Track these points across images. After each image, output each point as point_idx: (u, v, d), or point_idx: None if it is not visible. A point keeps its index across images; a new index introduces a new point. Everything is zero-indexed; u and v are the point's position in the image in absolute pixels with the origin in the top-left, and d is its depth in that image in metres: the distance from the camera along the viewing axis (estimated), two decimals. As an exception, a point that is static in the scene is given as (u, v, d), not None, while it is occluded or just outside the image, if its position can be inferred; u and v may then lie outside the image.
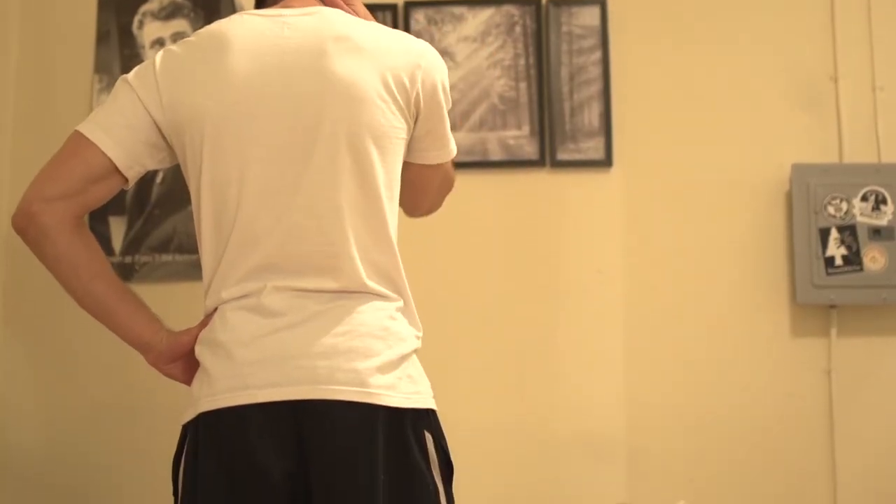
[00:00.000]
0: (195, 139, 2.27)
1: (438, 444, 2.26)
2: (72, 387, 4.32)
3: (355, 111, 2.24)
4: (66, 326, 4.32)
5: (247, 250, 2.24)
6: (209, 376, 2.21)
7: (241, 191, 2.24)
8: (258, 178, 2.24)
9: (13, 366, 4.37)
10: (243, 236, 2.24)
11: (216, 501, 2.16)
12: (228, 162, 2.25)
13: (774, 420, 4.26)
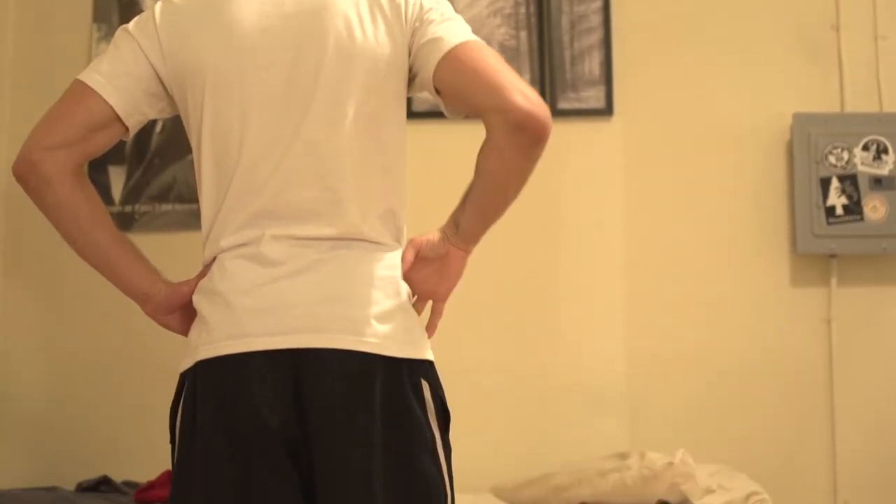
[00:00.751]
0: (196, 89, 2.28)
1: (435, 394, 2.27)
2: (72, 336, 4.34)
3: (355, 58, 2.24)
4: (66, 276, 4.33)
5: (246, 198, 2.24)
6: (207, 325, 2.21)
7: (241, 139, 2.24)
8: (258, 127, 2.24)
9: (14, 315, 4.39)
10: (243, 184, 2.24)
11: (214, 448, 2.17)
12: (229, 111, 2.26)
13: (774, 369, 4.27)
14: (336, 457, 2.15)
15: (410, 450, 2.19)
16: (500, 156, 2.21)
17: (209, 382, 2.18)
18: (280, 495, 2.16)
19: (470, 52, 2.22)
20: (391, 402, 2.18)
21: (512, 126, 2.16)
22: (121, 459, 4.15)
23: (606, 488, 3.52)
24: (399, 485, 2.17)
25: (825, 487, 4.23)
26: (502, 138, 2.18)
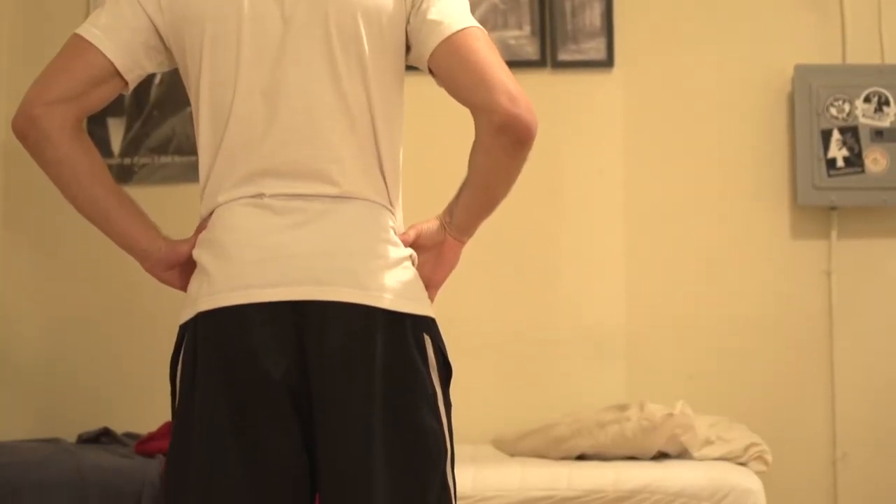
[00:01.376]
0: (194, 41, 2.26)
1: (438, 349, 2.27)
2: (72, 289, 4.34)
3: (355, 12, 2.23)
4: (65, 231, 4.32)
5: (241, 155, 2.23)
6: (208, 276, 2.21)
7: (234, 93, 2.23)
8: (250, 81, 2.22)
9: (14, 270, 4.39)
10: (236, 140, 2.23)
11: (214, 399, 2.17)
12: (226, 63, 2.24)
13: (774, 320, 4.28)
14: (337, 409, 2.16)
15: (412, 404, 2.19)
16: (486, 154, 2.22)
17: (209, 334, 2.18)
18: (281, 446, 2.17)
19: (467, 43, 2.20)
20: (393, 355, 2.18)
21: (496, 127, 2.16)
22: (121, 411, 4.16)
23: (606, 440, 3.53)
24: (400, 438, 2.17)
25: (824, 439, 4.24)
26: (487, 138, 2.19)
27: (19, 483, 3.36)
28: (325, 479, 2.19)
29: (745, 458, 3.60)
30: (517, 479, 3.36)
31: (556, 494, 3.31)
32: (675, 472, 3.39)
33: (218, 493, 2.17)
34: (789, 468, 4.08)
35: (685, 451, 3.56)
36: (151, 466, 3.37)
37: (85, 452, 3.60)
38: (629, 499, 3.30)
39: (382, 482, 2.16)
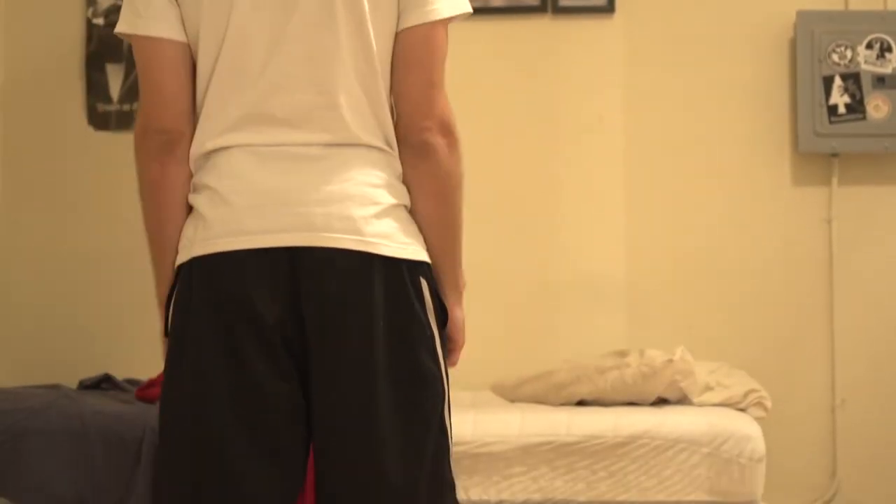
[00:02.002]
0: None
1: (434, 293, 2.27)
2: (73, 234, 4.34)
3: None
4: (66, 174, 4.33)
5: (230, 99, 2.21)
6: (204, 220, 2.20)
7: (225, 37, 2.21)
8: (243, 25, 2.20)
9: (15, 214, 4.38)
10: (225, 84, 2.21)
11: (207, 343, 2.17)
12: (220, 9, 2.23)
13: (774, 268, 4.28)
14: (335, 353, 2.16)
15: (411, 346, 2.19)
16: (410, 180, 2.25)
17: (204, 279, 2.18)
18: (275, 389, 2.17)
19: (436, 42, 2.23)
20: (391, 300, 2.18)
21: (409, 144, 2.22)
22: (122, 357, 4.17)
23: (606, 385, 3.54)
24: (400, 381, 2.18)
25: (823, 385, 4.25)
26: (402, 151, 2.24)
27: (22, 429, 3.37)
28: (323, 423, 2.19)
29: (745, 404, 3.61)
30: (517, 424, 3.38)
31: (555, 440, 3.32)
32: (674, 417, 3.40)
33: (211, 433, 2.18)
34: (788, 414, 4.09)
35: (685, 397, 3.57)
36: (152, 412, 3.37)
37: (86, 399, 3.61)
38: (628, 444, 3.31)
39: (382, 425, 2.16)
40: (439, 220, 2.28)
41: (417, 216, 2.27)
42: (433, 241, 2.28)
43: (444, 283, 2.32)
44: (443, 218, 2.28)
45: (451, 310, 2.33)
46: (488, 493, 3.31)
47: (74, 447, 3.35)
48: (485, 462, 3.31)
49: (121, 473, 3.33)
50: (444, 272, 2.31)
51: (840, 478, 4.23)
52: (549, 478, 3.31)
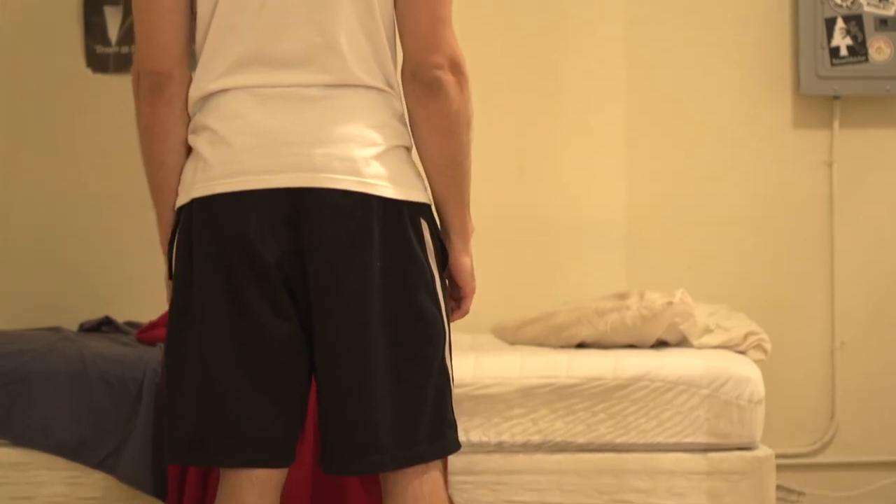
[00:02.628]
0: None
1: (435, 235, 2.27)
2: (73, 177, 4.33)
3: None
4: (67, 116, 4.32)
5: (230, 41, 2.20)
6: (204, 161, 2.20)
7: None
8: None
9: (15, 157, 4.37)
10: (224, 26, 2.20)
11: (210, 284, 2.18)
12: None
13: (774, 210, 4.28)
14: (335, 292, 2.16)
15: (411, 287, 2.20)
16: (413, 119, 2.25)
17: (204, 220, 2.18)
18: (277, 328, 2.18)
19: None
20: (391, 241, 2.18)
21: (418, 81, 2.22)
22: (122, 300, 4.17)
23: (605, 328, 3.54)
24: (399, 321, 2.18)
25: (823, 328, 4.26)
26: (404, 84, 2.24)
27: (25, 371, 3.38)
28: (323, 360, 2.21)
29: (744, 346, 3.62)
30: (516, 367, 3.38)
31: (555, 382, 3.33)
32: (673, 360, 3.40)
33: (213, 374, 2.19)
34: (788, 357, 4.11)
35: (684, 339, 3.58)
36: (152, 355, 3.39)
37: (86, 341, 3.61)
38: (628, 386, 3.32)
39: (382, 363, 2.17)
40: (447, 160, 2.27)
41: (424, 156, 2.26)
42: (440, 182, 2.28)
43: (451, 229, 2.31)
44: (451, 158, 2.27)
45: (458, 257, 2.33)
46: (488, 434, 3.32)
47: (75, 389, 3.36)
48: (485, 404, 3.32)
49: (121, 415, 3.34)
50: (452, 216, 2.31)
51: (838, 420, 4.25)
52: (549, 419, 3.32)
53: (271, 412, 2.23)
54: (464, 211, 2.32)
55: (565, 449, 3.34)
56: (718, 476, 3.29)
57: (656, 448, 3.32)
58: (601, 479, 3.31)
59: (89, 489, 3.36)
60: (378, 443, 2.20)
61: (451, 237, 2.32)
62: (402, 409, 2.20)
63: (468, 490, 3.32)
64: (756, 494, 3.29)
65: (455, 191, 2.30)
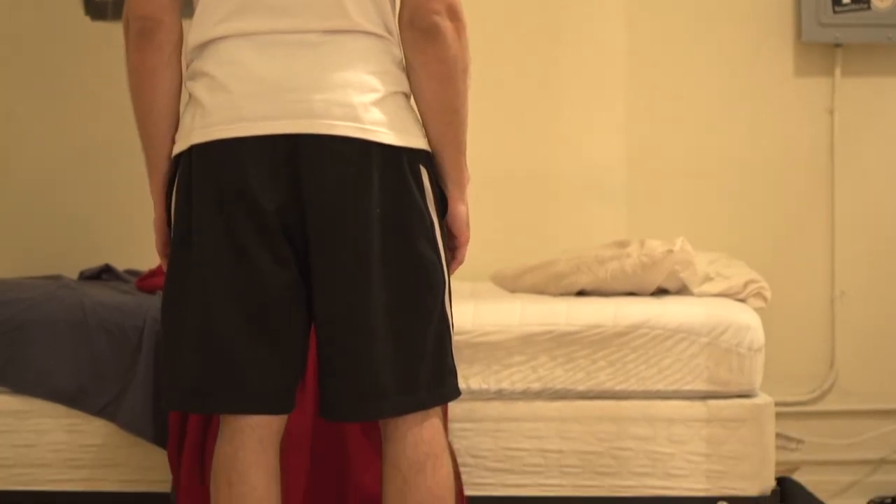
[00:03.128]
0: None
1: (434, 181, 2.27)
2: (73, 124, 4.32)
3: None
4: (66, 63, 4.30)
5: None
6: (203, 108, 2.19)
7: None
8: None
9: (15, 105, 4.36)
10: None
11: (209, 233, 2.18)
12: None
13: (775, 159, 4.27)
14: (334, 238, 2.16)
15: (410, 234, 2.20)
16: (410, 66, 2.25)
17: (203, 167, 2.18)
18: (277, 275, 2.18)
19: None
20: (390, 187, 2.18)
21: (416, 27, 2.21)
22: (122, 248, 4.17)
23: (605, 276, 3.54)
24: (399, 266, 2.19)
25: (823, 277, 4.26)
26: (402, 32, 2.23)
27: (22, 320, 3.39)
28: (323, 307, 2.21)
29: (744, 294, 3.62)
30: (516, 314, 3.38)
31: (555, 329, 3.33)
32: (673, 307, 3.40)
33: (212, 322, 2.19)
34: (788, 305, 4.11)
35: (684, 287, 3.57)
36: (153, 302, 3.39)
37: (86, 289, 3.61)
38: (628, 334, 3.32)
39: (381, 309, 2.18)
40: (444, 107, 2.26)
41: (421, 103, 2.26)
42: (437, 129, 2.27)
43: (447, 177, 2.31)
44: (448, 104, 2.26)
45: (454, 205, 2.32)
46: (488, 382, 3.33)
47: (75, 337, 3.37)
48: (484, 351, 3.32)
49: (121, 363, 3.35)
50: (448, 164, 2.31)
51: (838, 368, 4.26)
52: (549, 367, 3.33)
53: (271, 359, 2.23)
54: (460, 158, 2.32)
55: (565, 396, 3.34)
56: (718, 423, 3.30)
57: (656, 395, 3.33)
58: (601, 427, 3.32)
59: (90, 437, 3.37)
60: (379, 389, 2.21)
61: (447, 185, 2.32)
62: (403, 356, 2.21)
63: (468, 437, 3.33)
64: (755, 442, 3.30)
65: (451, 138, 2.29)
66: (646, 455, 3.31)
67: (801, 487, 3.52)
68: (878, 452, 4.23)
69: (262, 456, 2.28)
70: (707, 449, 3.30)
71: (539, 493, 3.34)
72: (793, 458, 4.16)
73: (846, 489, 4.22)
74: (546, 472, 3.34)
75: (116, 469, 3.37)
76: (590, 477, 3.33)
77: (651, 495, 3.32)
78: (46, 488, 3.38)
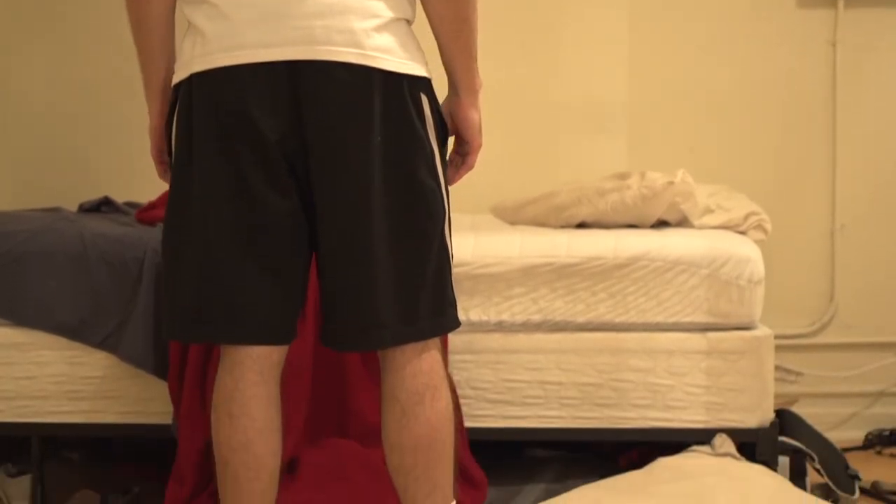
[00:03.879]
0: None
1: (435, 109, 2.27)
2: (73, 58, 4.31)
3: None
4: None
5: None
6: (203, 36, 2.17)
7: None
8: None
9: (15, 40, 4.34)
10: None
11: (210, 161, 2.17)
12: None
13: (777, 91, 4.25)
14: (336, 169, 2.15)
15: (410, 162, 2.19)
16: None
17: (204, 95, 2.17)
18: (278, 209, 2.18)
19: None
20: (391, 114, 2.17)
21: None
22: (122, 180, 4.17)
23: (606, 207, 3.53)
24: (399, 193, 2.18)
25: (823, 210, 4.26)
26: None
27: (22, 251, 3.38)
28: (324, 236, 2.20)
29: (745, 226, 3.61)
30: (517, 246, 3.38)
31: (555, 261, 3.33)
32: (674, 239, 3.40)
33: (216, 248, 2.19)
34: (788, 238, 4.12)
35: (685, 219, 3.57)
36: (153, 234, 3.38)
37: (86, 221, 3.61)
38: (628, 266, 3.32)
39: (382, 238, 2.17)
40: (454, 16, 2.26)
41: (431, 13, 2.25)
42: (447, 38, 2.27)
43: (459, 84, 2.32)
44: (457, 13, 2.26)
45: (466, 112, 2.33)
46: (488, 313, 3.33)
47: (75, 269, 3.36)
48: (485, 283, 3.32)
49: (122, 295, 3.34)
50: (459, 72, 2.31)
51: (837, 302, 4.26)
52: (549, 299, 3.33)
53: (272, 289, 2.23)
54: (472, 65, 2.33)
55: (565, 328, 3.35)
56: (717, 355, 3.31)
57: (656, 327, 3.33)
58: (600, 359, 3.33)
59: (91, 369, 3.38)
60: (379, 318, 2.21)
61: (460, 92, 2.33)
62: (403, 285, 2.21)
63: (468, 369, 3.34)
64: (754, 374, 3.31)
65: (462, 46, 2.29)
66: (645, 387, 3.32)
67: (800, 420, 3.53)
68: (877, 385, 4.25)
69: (262, 387, 2.28)
70: (706, 381, 3.31)
71: (539, 424, 3.35)
72: (792, 390, 4.18)
73: (845, 421, 4.24)
74: (546, 403, 3.35)
75: (117, 401, 3.38)
76: (589, 409, 3.34)
77: (650, 427, 3.33)
78: (47, 420, 3.38)
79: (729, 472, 3.12)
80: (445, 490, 2.29)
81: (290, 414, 2.68)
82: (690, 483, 3.04)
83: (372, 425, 3.04)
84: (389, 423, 2.28)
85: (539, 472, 3.52)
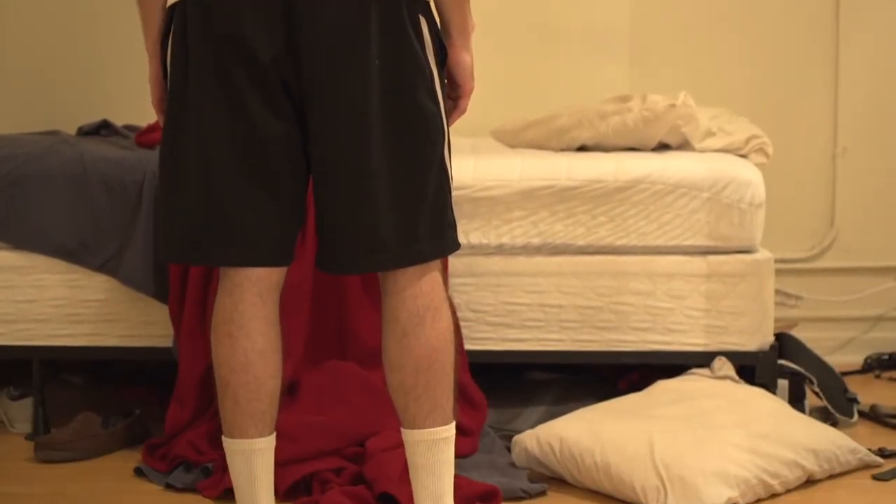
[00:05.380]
0: None
1: (433, 31, 2.24)
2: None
3: None
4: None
5: None
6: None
7: None
8: None
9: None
10: None
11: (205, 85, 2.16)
12: None
13: (779, 14, 4.24)
14: (333, 91, 2.14)
15: (409, 83, 2.18)
16: None
17: (198, 17, 2.15)
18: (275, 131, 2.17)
19: None
20: (389, 36, 2.15)
21: None
22: (121, 103, 4.15)
23: (607, 130, 3.52)
24: (398, 115, 2.17)
25: (825, 132, 4.25)
26: None
27: (21, 174, 3.37)
28: (321, 159, 2.20)
29: (746, 149, 3.60)
30: (517, 169, 3.37)
31: (556, 184, 3.32)
32: (675, 162, 3.39)
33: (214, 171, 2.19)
34: (789, 161, 4.11)
35: (686, 142, 3.55)
36: (152, 157, 3.37)
37: (85, 144, 3.60)
38: (629, 188, 3.31)
39: (381, 161, 2.16)
40: None
41: None
42: None
43: (450, 25, 2.28)
44: None
45: (458, 54, 2.30)
46: (488, 236, 3.33)
47: (75, 192, 3.36)
48: (485, 206, 3.32)
49: (122, 218, 3.34)
50: (451, 12, 2.27)
51: (838, 225, 4.27)
52: (549, 222, 3.33)
53: (270, 211, 2.23)
54: (464, 5, 2.28)
55: (565, 251, 3.35)
56: (717, 278, 3.31)
57: (656, 251, 3.33)
58: (601, 282, 3.33)
59: (91, 292, 3.39)
60: (379, 241, 2.20)
61: (451, 33, 2.29)
62: (403, 208, 2.20)
63: (469, 292, 3.35)
64: (754, 297, 3.32)
65: None
66: (645, 310, 3.33)
67: (800, 343, 3.54)
68: (877, 309, 4.26)
69: (261, 309, 2.28)
70: (706, 304, 3.32)
71: (539, 347, 3.36)
72: (792, 314, 4.19)
73: (844, 345, 4.25)
74: (546, 326, 3.36)
75: (117, 324, 3.39)
76: (589, 332, 3.35)
77: (650, 350, 3.34)
78: (47, 343, 3.40)
79: (728, 394, 3.13)
80: (445, 410, 2.30)
81: (289, 336, 2.69)
82: (689, 405, 3.05)
83: (371, 347, 3.05)
84: (390, 344, 2.28)
85: (539, 395, 3.54)
